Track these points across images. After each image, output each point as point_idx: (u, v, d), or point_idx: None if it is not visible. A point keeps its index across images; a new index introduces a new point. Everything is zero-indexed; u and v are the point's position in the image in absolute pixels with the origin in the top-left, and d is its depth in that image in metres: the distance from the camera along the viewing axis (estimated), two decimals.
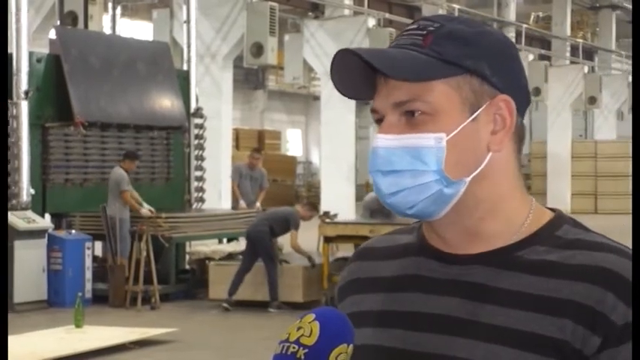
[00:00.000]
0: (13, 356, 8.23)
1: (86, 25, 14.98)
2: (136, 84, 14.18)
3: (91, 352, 9.13)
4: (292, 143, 40.13)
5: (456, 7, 25.09)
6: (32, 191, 12.62)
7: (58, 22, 14.79)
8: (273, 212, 12.35)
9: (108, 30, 16.90)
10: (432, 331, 1.47)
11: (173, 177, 14.79)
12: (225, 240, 14.49)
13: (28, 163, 12.55)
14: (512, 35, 29.26)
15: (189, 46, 15.73)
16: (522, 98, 1.50)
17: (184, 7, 15.94)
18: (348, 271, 1.64)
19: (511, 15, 29.73)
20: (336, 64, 1.46)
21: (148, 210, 12.73)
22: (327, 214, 13.76)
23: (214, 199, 15.92)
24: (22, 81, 12.53)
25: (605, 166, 31.36)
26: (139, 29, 26.91)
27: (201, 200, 15.23)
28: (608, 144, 32.34)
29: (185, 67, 15.59)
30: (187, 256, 13.96)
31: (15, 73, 12.51)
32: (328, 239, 12.11)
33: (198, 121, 15.17)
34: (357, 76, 1.47)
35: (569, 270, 1.43)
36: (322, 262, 12.04)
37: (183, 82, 15.09)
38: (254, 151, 16.18)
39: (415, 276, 1.52)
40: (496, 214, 1.48)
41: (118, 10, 17.38)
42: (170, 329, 10.35)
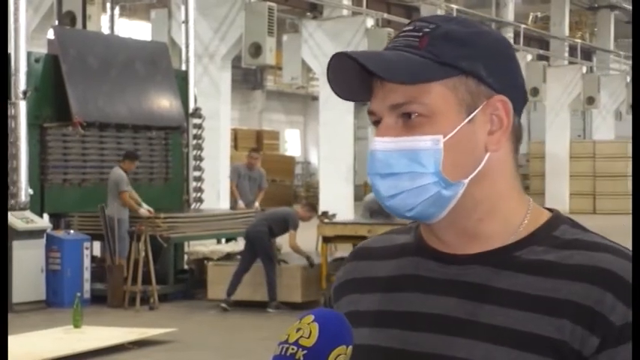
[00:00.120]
0: (11, 356, 8.22)
1: (84, 25, 14.97)
2: (134, 84, 14.17)
3: (90, 352, 9.12)
4: (291, 143, 40.14)
5: (454, 7, 25.08)
6: (30, 191, 12.61)
7: (57, 22, 14.79)
8: (272, 212, 12.35)
9: (106, 30, 16.89)
10: (430, 331, 1.46)
11: (171, 177, 14.78)
12: (223, 240, 14.49)
13: (26, 163, 12.54)
14: (511, 35, 29.27)
15: (187, 46, 15.73)
16: (519, 97, 1.50)
17: (183, 8, 15.93)
18: (344, 271, 1.63)
19: (509, 15, 29.74)
20: (333, 67, 1.46)
21: (147, 210, 12.73)
22: (325, 214, 13.78)
23: (213, 199, 15.92)
24: (21, 81, 12.52)
25: (603, 166, 31.37)
26: (137, 29, 26.89)
27: (200, 200, 15.23)
28: (607, 144, 32.35)
29: (183, 68, 15.58)
30: (186, 257, 13.95)
31: (13, 73, 12.49)
32: (327, 239, 12.12)
33: (196, 121, 15.16)
34: (353, 78, 1.47)
35: (568, 270, 1.43)
36: (321, 262, 12.05)
37: (181, 83, 15.08)
38: (252, 151, 16.16)
39: (413, 276, 1.52)
40: (494, 214, 1.48)
41: (117, 10, 17.36)
42: (169, 329, 10.35)
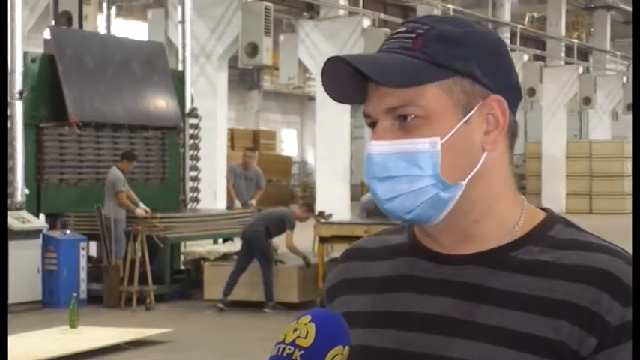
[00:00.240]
0: (8, 356, 8.21)
1: (81, 25, 14.96)
2: (130, 84, 14.16)
3: (86, 352, 9.11)
4: (287, 143, 40.14)
5: (450, 7, 25.09)
6: (27, 191, 12.60)
7: (53, 22, 14.77)
8: (269, 212, 12.35)
9: (103, 30, 16.89)
10: (426, 331, 1.46)
11: (168, 177, 14.77)
12: (220, 240, 14.48)
13: (22, 163, 12.53)
14: (507, 35, 29.29)
15: (184, 46, 15.72)
16: (514, 95, 1.50)
17: (179, 7, 15.92)
18: (337, 271, 1.62)
19: (506, 15, 29.75)
20: (327, 71, 1.46)
21: (144, 210, 12.72)
22: (322, 214, 13.76)
23: (209, 199, 15.91)
24: (17, 81, 12.51)
25: (599, 166, 31.38)
26: (133, 29, 26.88)
27: (196, 200, 15.22)
28: (603, 144, 32.36)
29: (180, 68, 15.57)
30: (182, 257, 13.94)
31: (9, 73, 12.49)
32: (323, 239, 12.11)
33: (193, 121, 15.15)
34: (347, 81, 1.46)
35: (563, 270, 1.43)
36: (317, 262, 12.05)
37: (178, 83, 15.07)
38: (247, 150, 16.14)
39: (408, 276, 1.52)
40: (490, 215, 1.48)
41: (113, 10, 17.37)
42: (165, 329, 10.34)
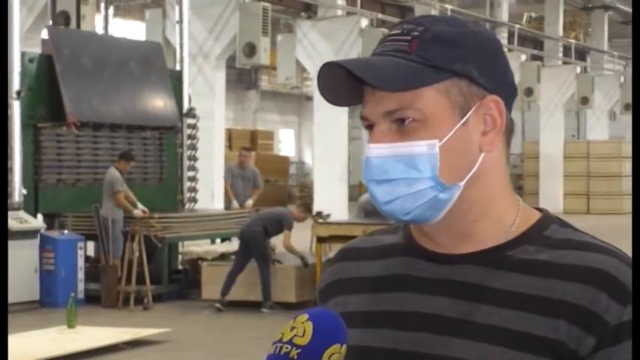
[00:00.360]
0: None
1: (78, 25, 14.95)
2: (128, 84, 14.15)
3: (84, 352, 9.11)
4: (285, 143, 40.13)
5: (448, 7, 25.09)
6: (24, 191, 12.59)
7: (51, 22, 14.76)
8: (267, 212, 12.35)
9: (100, 30, 16.86)
10: (425, 331, 1.46)
11: (166, 177, 14.77)
12: (219, 240, 14.48)
13: (20, 163, 12.52)
14: (505, 35, 29.30)
15: (181, 46, 15.71)
16: (509, 94, 1.50)
17: (177, 7, 15.91)
18: (330, 272, 1.62)
19: (503, 15, 29.76)
20: (323, 76, 1.45)
21: (142, 210, 12.71)
22: (320, 214, 13.76)
23: (207, 199, 15.90)
24: (14, 81, 12.50)
25: (597, 166, 31.38)
26: (131, 29, 26.87)
27: (194, 200, 15.21)
28: (601, 144, 32.36)
29: (178, 67, 15.56)
30: (180, 257, 13.94)
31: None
32: (321, 239, 12.11)
33: (190, 121, 15.15)
34: (343, 84, 1.46)
35: (561, 270, 1.43)
36: (315, 262, 12.05)
37: (175, 82, 15.06)
38: (242, 149, 16.17)
39: (404, 276, 1.52)
40: (488, 215, 1.48)
41: (111, 10, 17.34)
42: (163, 329, 10.34)
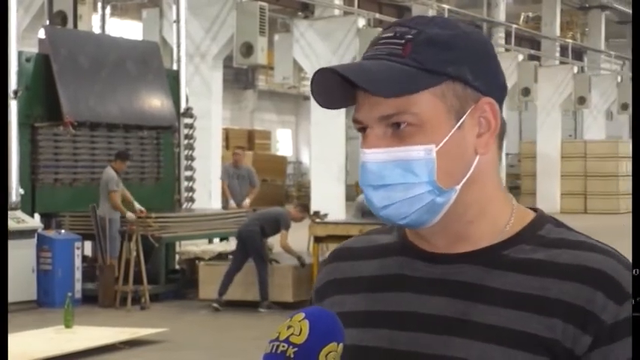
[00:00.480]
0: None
1: (75, 24, 14.92)
2: (125, 84, 14.15)
3: (81, 352, 9.10)
4: (282, 143, 40.12)
5: (445, 7, 25.09)
6: (21, 191, 12.58)
7: (47, 22, 14.74)
8: (264, 212, 12.36)
9: (97, 29, 16.84)
10: (422, 331, 1.46)
11: (163, 177, 14.76)
12: (216, 240, 14.46)
13: (17, 162, 12.51)
14: (502, 35, 29.32)
15: (178, 46, 15.71)
16: (502, 96, 1.50)
17: (174, 7, 15.90)
18: (325, 272, 1.62)
19: (501, 15, 29.75)
20: (317, 80, 1.44)
21: (139, 210, 12.71)
22: (317, 214, 13.76)
23: (204, 199, 15.90)
24: (11, 80, 12.50)
25: (594, 166, 31.40)
26: (128, 29, 26.84)
27: (191, 200, 15.21)
28: (598, 144, 32.38)
29: (175, 67, 15.56)
30: (177, 256, 13.93)
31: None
32: (318, 239, 12.10)
33: (188, 120, 15.14)
34: (335, 88, 1.45)
35: (556, 269, 1.44)
36: (312, 262, 12.04)
37: (172, 82, 15.06)
38: (236, 148, 16.21)
39: (399, 275, 1.52)
40: (483, 216, 1.49)
41: (108, 9, 17.32)
42: (160, 329, 10.33)
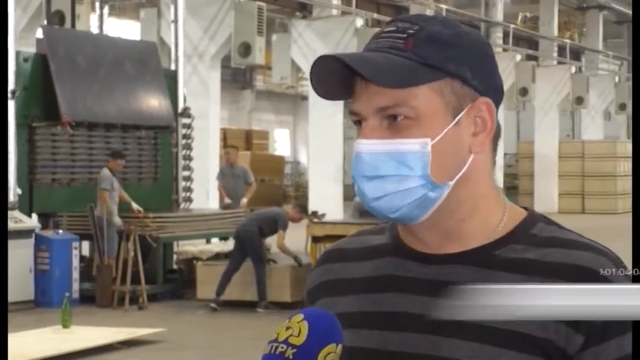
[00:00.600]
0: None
1: (73, 24, 14.92)
2: (123, 83, 14.14)
3: (79, 352, 9.10)
4: (280, 143, 40.12)
5: (443, 7, 25.09)
6: (19, 191, 12.57)
7: (45, 22, 14.74)
8: (262, 212, 12.35)
9: (95, 29, 16.85)
10: (414, 331, 1.46)
11: (161, 177, 14.76)
12: (214, 240, 14.46)
13: (14, 162, 12.51)
14: (500, 35, 29.32)
15: (176, 46, 15.70)
16: (498, 98, 1.51)
17: (172, 7, 15.90)
18: (318, 273, 1.62)
19: (498, 15, 29.76)
20: (316, 68, 1.46)
21: (137, 210, 12.71)
22: (315, 214, 13.76)
23: (202, 199, 15.90)
24: (9, 80, 12.48)
25: (592, 166, 31.41)
26: (126, 29, 26.83)
27: (189, 200, 15.21)
28: (596, 144, 32.39)
29: (173, 67, 15.55)
30: (175, 256, 13.93)
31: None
32: (316, 239, 12.10)
33: (185, 120, 15.14)
34: (334, 79, 1.46)
35: (548, 268, 1.44)
36: (310, 262, 12.04)
37: (170, 82, 15.05)
38: (228, 147, 16.21)
39: (392, 276, 1.52)
40: (476, 214, 1.49)
41: (106, 9, 17.33)
42: (158, 329, 10.33)
